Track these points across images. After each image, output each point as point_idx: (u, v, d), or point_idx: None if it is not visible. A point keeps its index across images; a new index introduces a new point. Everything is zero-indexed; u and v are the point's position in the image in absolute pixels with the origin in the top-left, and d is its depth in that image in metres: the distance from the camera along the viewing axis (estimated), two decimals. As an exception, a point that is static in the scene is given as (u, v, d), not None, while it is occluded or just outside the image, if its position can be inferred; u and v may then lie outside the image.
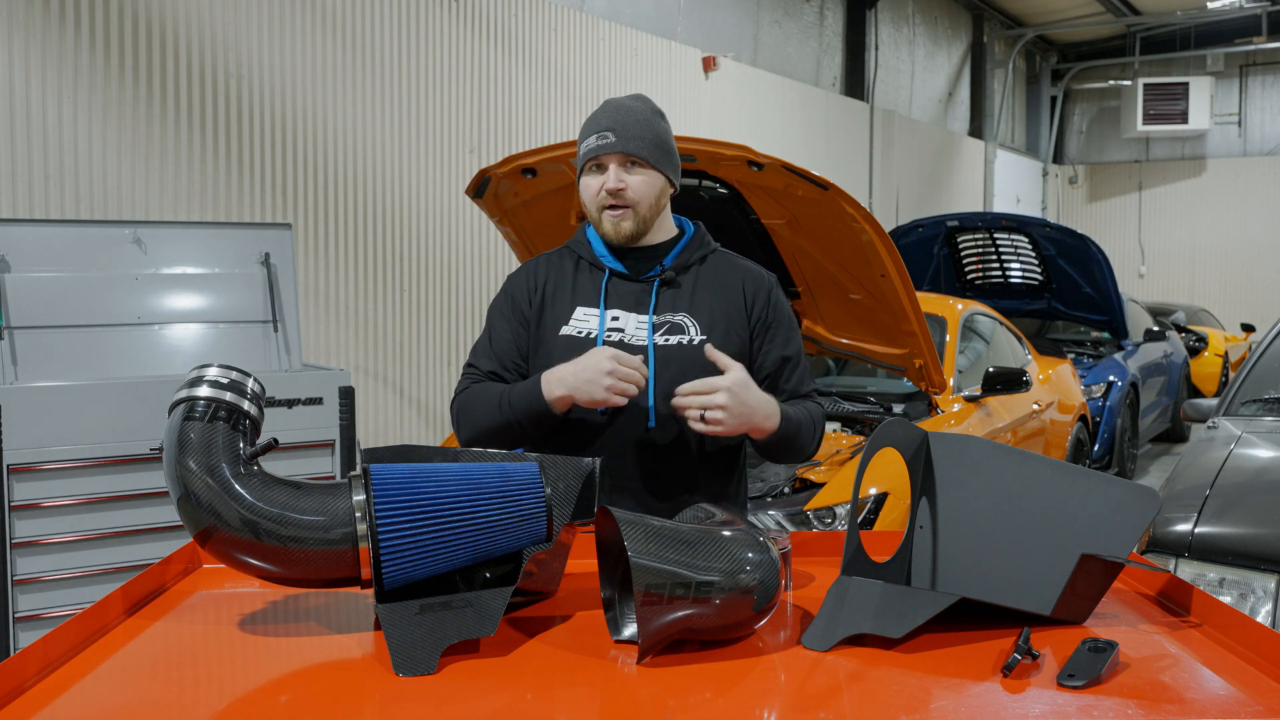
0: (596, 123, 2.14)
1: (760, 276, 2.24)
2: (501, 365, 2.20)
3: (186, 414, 1.59)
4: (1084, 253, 8.00)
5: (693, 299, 2.17)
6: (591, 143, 2.12)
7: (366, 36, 6.44)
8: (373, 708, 1.37)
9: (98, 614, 1.62)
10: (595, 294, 2.18)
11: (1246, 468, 3.59)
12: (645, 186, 2.13)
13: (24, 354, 3.74)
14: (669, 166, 2.17)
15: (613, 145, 2.10)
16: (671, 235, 2.23)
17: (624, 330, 2.14)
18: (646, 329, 2.14)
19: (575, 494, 1.77)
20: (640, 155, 2.11)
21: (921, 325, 4.23)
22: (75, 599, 3.53)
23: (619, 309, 2.16)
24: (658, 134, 2.14)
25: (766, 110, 10.73)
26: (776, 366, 2.19)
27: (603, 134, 2.11)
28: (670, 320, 2.15)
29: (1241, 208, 18.04)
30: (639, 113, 2.14)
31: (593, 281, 2.19)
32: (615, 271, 2.19)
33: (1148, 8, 16.26)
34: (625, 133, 2.10)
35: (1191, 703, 1.37)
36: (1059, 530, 1.69)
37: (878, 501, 3.84)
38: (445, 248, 7.02)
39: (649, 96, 2.23)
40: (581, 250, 2.23)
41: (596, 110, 2.18)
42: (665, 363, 2.12)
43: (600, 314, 2.16)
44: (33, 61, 4.91)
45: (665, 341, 2.13)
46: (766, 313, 2.19)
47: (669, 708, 1.36)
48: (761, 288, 2.21)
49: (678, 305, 2.16)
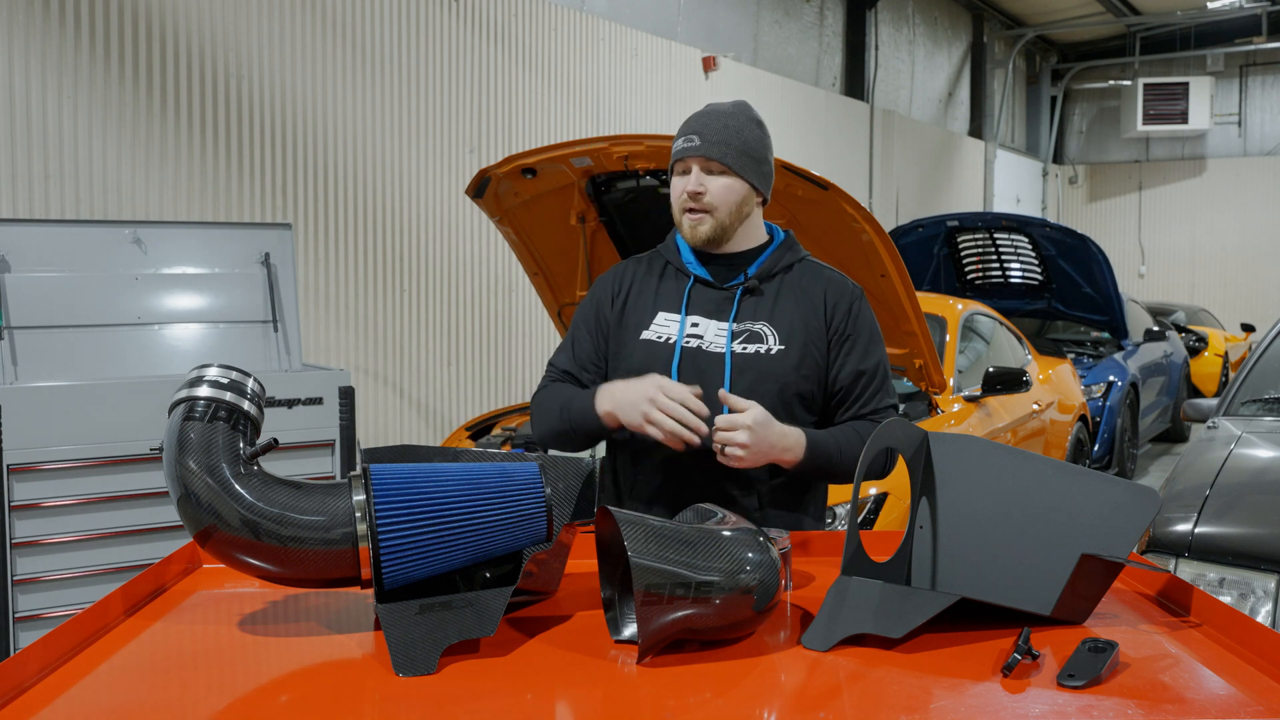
0: (688, 125, 2.14)
1: (844, 286, 2.20)
2: (580, 366, 2.21)
3: (186, 414, 1.59)
4: (1084, 253, 8.01)
5: (774, 308, 2.15)
6: (679, 144, 2.13)
7: (366, 36, 6.44)
8: (373, 708, 1.37)
9: (98, 614, 1.62)
10: (678, 299, 2.17)
11: (1246, 468, 3.59)
12: (725, 192, 2.12)
13: (24, 354, 3.74)
14: (755, 175, 2.14)
15: (695, 149, 2.10)
16: (760, 243, 2.21)
17: (703, 337, 2.13)
18: (725, 336, 2.12)
19: (575, 494, 1.77)
20: (722, 160, 2.10)
21: (921, 325, 4.23)
22: (75, 599, 3.53)
23: (700, 315, 2.15)
24: (746, 141, 2.13)
25: (766, 110, 10.65)
26: (850, 380, 2.15)
27: (689, 137, 2.11)
28: (750, 329, 2.13)
29: (1241, 208, 18.04)
30: (730, 118, 2.13)
31: (677, 287, 2.19)
32: (700, 278, 2.18)
33: (1148, 8, 16.26)
34: (710, 137, 2.10)
35: (1191, 703, 1.37)
36: (1059, 530, 1.69)
37: (878, 501, 3.84)
38: (445, 248, 7.02)
39: (750, 105, 2.20)
40: (669, 255, 2.23)
41: (695, 112, 2.18)
42: (741, 371, 2.10)
43: (681, 320, 2.15)
44: (33, 61, 4.91)
45: (743, 350, 2.12)
46: (846, 324, 2.16)
47: (669, 708, 1.36)
48: (844, 298, 2.18)
49: (759, 314, 2.15)
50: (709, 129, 2.11)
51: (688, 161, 2.12)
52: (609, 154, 3.83)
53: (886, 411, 2.16)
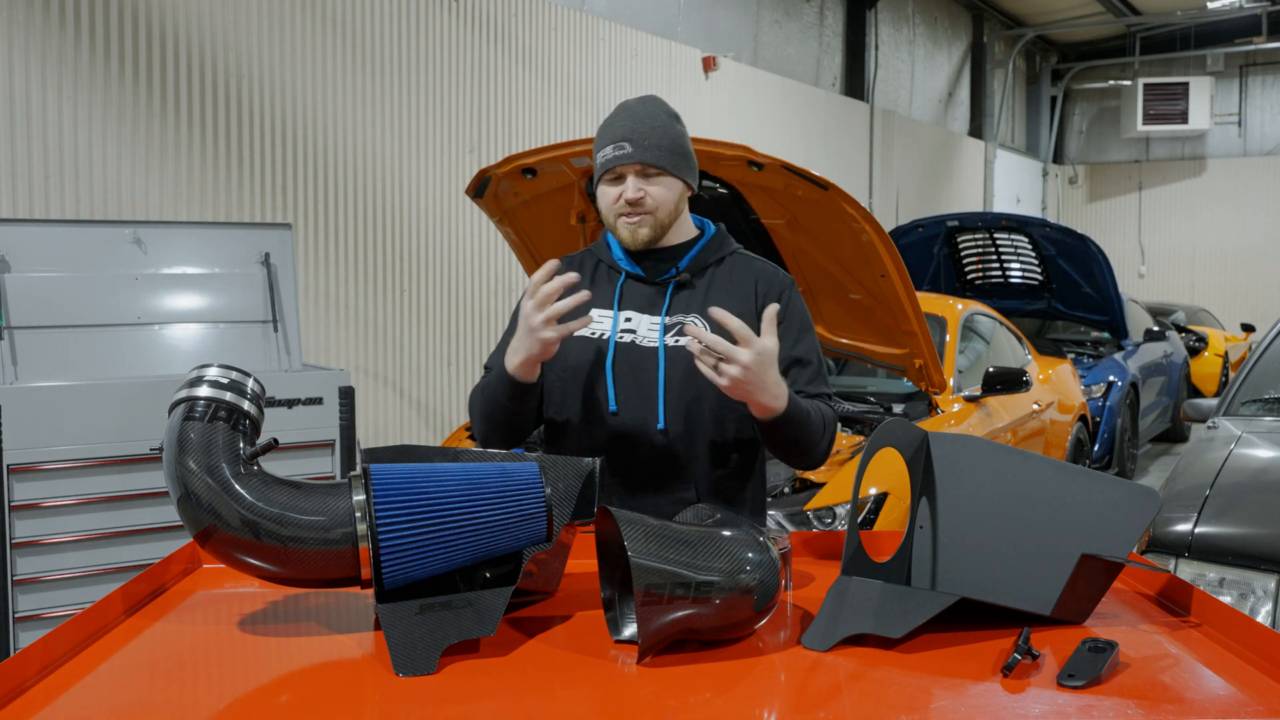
0: (612, 131, 2.11)
1: (775, 277, 2.22)
2: None
3: (186, 414, 1.59)
4: (1084, 253, 8.01)
5: (706, 300, 2.15)
6: (609, 153, 2.10)
7: (366, 36, 6.44)
8: (373, 708, 1.37)
9: (98, 614, 1.62)
10: (610, 296, 2.18)
11: (1246, 468, 3.59)
12: (664, 194, 2.11)
13: (24, 354, 3.74)
14: (687, 171, 2.15)
15: (630, 156, 2.08)
16: (690, 237, 2.22)
17: (636, 331, 2.14)
18: (658, 331, 2.13)
19: (575, 494, 1.77)
20: (657, 164, 2.09)
21: (921, 325, 4.23)
22: (75, 599, 3.53)
23: (633, 311, 2.16)
24: (674, 140, 2.12)
25: (766, 110, 10.73)
26: (784, 368, 2.13)
27: (619, 144, 2.09)
28: (683, 322, 2.14)
29: (1241, 208, 18.04)
30: (653, 118, 2.12)
31: (610, 284, 2.20)
32: (632, 274, 2.18)
33: (1148, 8, 16.26)
34: (642, 142, 2.08)
35: (1191, 703, 1.37)
36: (1059, 530, 1.69)
37: (878, 501, 3.84)
38: (445, 248, 7.02)
39: (662, 98, 2.20)
40: (601, 253, 2.24)
41: (611, 116, 2.15)
42: (675, 364, 2.11)
43: (614, 316, 2.16)
44: (33, 61, 4.91)
45: (677, 343, 2.12)
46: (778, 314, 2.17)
47: (669, 708, 1.36)
48: (774, 288, 2.19)
49: (691, 306, 2.15)
50: (638, 133, 2.08)
51: (621, 169, 2.10)
52: (609, 154, 3.82)
53: (824, 397, 2.16)
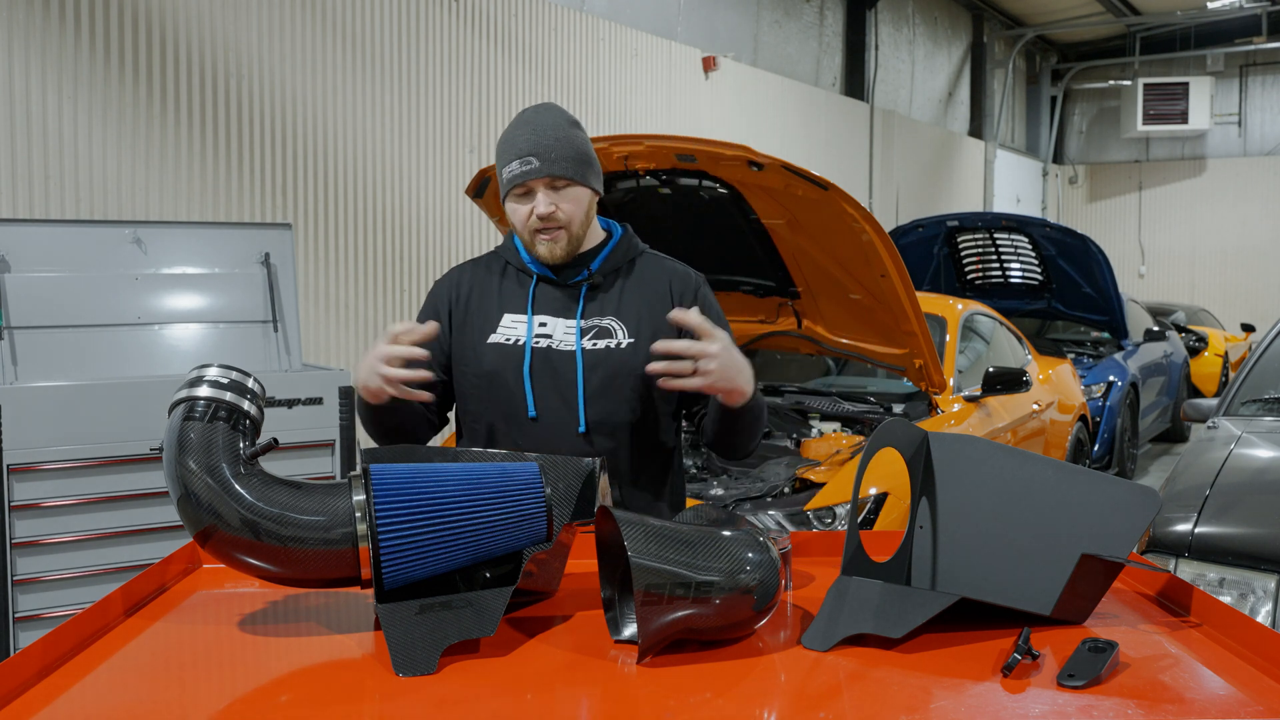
0: (515, 147, 2.08)
1: (687, 276, 2.22)
2: None
3: (186, 414, 1.59)
4: (1084, 252, 8.01)
5: (620, 302, 2.15)
6: (515, 168, 2.08)
7: (366, 36, 6.44)
8: (373, 708, 1.37)
9: (98, 614, 1.62)
10: (523, 300, 2.16)
11: (1246, 468, 3.59)
12: (574, 205, 2.11)
13: (24, 354, 3.74)
14: (593, 177, 2.14)
15: (537, 170, 2.06)
16: (599, 240, 2.21)
17: (552, 336, 2.13)
18: (574, 334, 2.13)
19: (575, 494, 1.77)
20: (565, 175, 2.07)
21: (921, 325, 4.23)
22: (75, 599, 3.53)
23: (547, 315, 2.15)
24: (578, 148, 2.10)
25: (766, 110, 10.73)
26: None
27: (525, 159, 2.06)
28: (598, 324, 2.14)
29: (1241, 208, 18.04)
30: (556, 129, 2.09)
31: (520, 288, 2.18)
32: (543, 277, 2.17)
33: (1148, 8, 16.26)
34: (547, 154, 2.06)
35: (1191, 703, 1.37)
36: (1059, 530, 1.69)
37: (878, 501, 3.84)
38: (445, 248, 7.01)
39: (559, 105, 2.18)
40: (510, 256, 2.22)
41: (511, 129, 2.12)
42: (593, 367, 2.11)
43: (528, 320, 2.15)
44: (33, 61, 4.91)
45: (593, 346, 2.12)
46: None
47: (669, 708, 1.36)
48: (689, 287, 2.19)
49: (605, 309, 2.15)
50: (542, 146, 2.07)
51: (530, 184, 2.08)
52: (609, 154, 3.83)
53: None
